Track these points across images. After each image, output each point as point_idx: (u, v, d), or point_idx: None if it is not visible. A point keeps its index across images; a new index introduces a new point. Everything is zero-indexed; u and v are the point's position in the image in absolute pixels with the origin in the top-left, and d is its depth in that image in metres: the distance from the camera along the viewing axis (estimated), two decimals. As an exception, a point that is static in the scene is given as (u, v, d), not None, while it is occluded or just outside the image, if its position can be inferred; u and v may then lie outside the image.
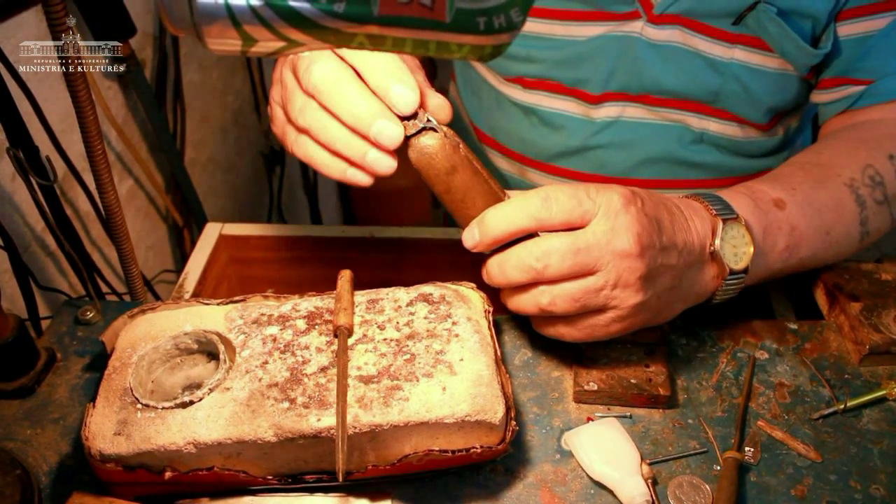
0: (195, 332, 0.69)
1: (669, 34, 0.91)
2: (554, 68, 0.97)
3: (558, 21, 0.94)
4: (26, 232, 1.02)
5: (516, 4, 0.38)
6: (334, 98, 0.63)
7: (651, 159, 1.01)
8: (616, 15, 0.91)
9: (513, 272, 0.65)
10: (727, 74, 0.92)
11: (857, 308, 0.78)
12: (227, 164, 1.77)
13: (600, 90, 0.97)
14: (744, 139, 1.00)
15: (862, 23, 0.87)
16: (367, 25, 0.38)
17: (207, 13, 0.38)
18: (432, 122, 0.65)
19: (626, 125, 0.99)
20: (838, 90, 0.92)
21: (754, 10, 0.86)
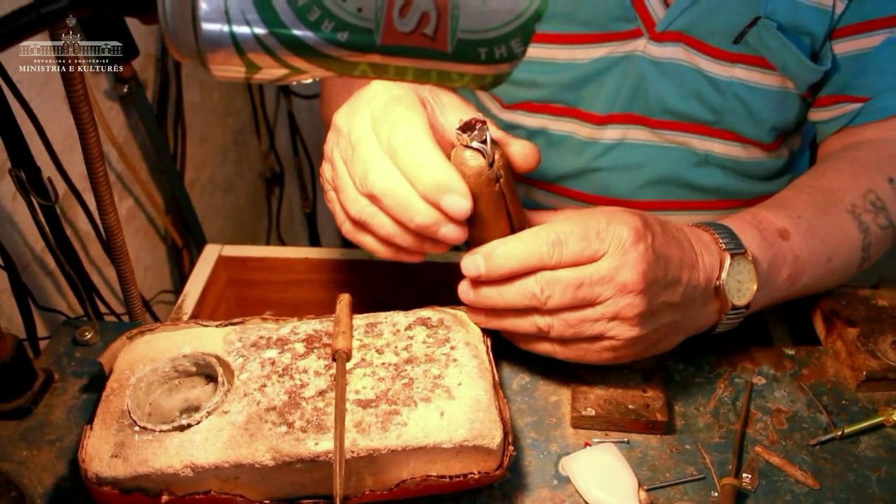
0: (194, 354, 0.69)
1: (672, 51, 0.92)
2: (558, 92, 0.98)
3: (561, 45, 0.94)
4: (26, 251, 1.02)
5: (517, 35, 0.38)
6: (396, 208, 0.63)
7: (655, 181, 1.02)
8: (618, 35, 0.92)
9: (513, 297, 0.65)
10: (728, 93, 0.93)
11: (854, 334, 0.78)
12: (226, 185, 1.78)
13: (605, 111, 0.97)
14: (748, 160, 1.00)
15: (856, 40, 0.88)
16: (369, 54, 0.38)
17: (212, 41, 0.38)
18: (486, 146, 0.62)
19: (630, 147, 1.00)
20: (835, 108, 0.93)
21: (755, 27, 0.87)
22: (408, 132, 0.62)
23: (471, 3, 0.37)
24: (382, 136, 0.64)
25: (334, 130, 0.70)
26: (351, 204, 0.66)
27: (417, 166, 0.61)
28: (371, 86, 0.69)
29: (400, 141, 0.62)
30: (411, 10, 0.37)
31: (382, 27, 0.37)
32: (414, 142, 0.62)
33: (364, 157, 0.64)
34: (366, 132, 0.65)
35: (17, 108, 0.88)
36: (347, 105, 0.70)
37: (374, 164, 0.63)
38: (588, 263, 0.63)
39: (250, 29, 0.38)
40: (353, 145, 0.65)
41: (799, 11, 0.86)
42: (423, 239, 0.66)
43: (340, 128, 0.69)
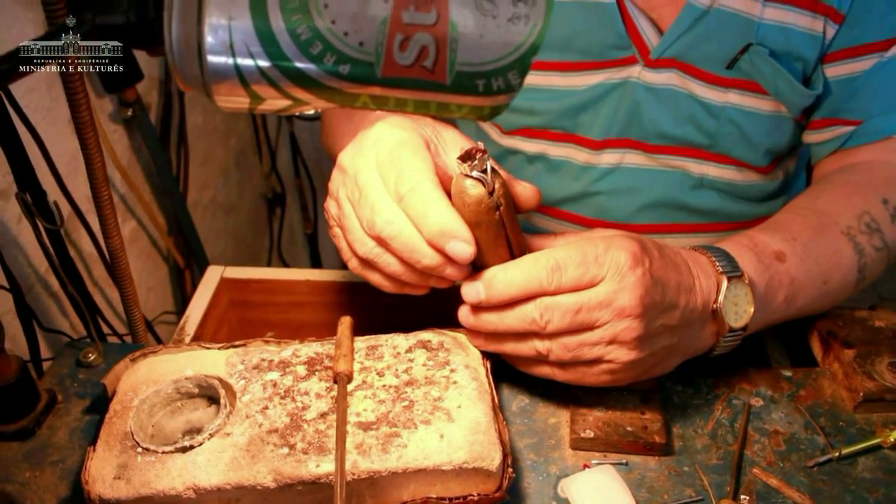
0: (196, 376, 0.70)
1: (667, 77, 0.93)
2: (556, 118, 0.99)
3: (557, 72, 0.96)
4: (30, 273, 1.03)
5: (514, 67, 0.39)
6: (403, 251, 0.65)
7: (652, 205, 1.03)
8: (614, 62, 0.93)
9: (513, 322, 0.66)
10: (722, 118, 0.94)
11: (851, 355, 0.78)
12: (228, 206, 1.79)
13: (601, 137, 0.99)
14: (743, 183, 1.01)
15: (847, 65, 0.90)
16: (370, 87, 0.39)
17: (217, 73, 0.40)
18: (486, 175, 0.63)
19: (626, 171, 1.01)
20: (829, 130, 0.94)
21: (747, 53, 0.89)
22: (413, 179, 0.64)
23: (469, 37, 0.39)
24: (389, 182, 0.66)
25: (339, 170, 0.71)
26: (358, 245, 0.68)
27: (423, 214, 0.63)
28: (376, 126, 0.70)
29: (406, 189, 0.64)
30: (411, 43, 0.38)
31: (383, 60, 0.39)
32: (419, 189, 0.64)
33: (371, 201, 0.65)
34: (372, 175, 0.67)
35: (23, 131, 0.89)
36: (353, 145, 0.71)
37: (382, 208, 0.65)
38: (587, 288, 0.64)
39: (254, 61, 0.39)
40: (360, 188, 0.67)
41: (790, 37, 0.88)
42: (428, 276, 0.68)
43: (346, 168, 0.70)
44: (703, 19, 0.89)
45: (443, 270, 0.65)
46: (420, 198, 0.64)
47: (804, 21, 0.88)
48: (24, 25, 0.97)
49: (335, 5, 0.38)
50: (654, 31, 0.91)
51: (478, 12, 0.38)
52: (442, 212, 0.63)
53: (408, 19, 0.38)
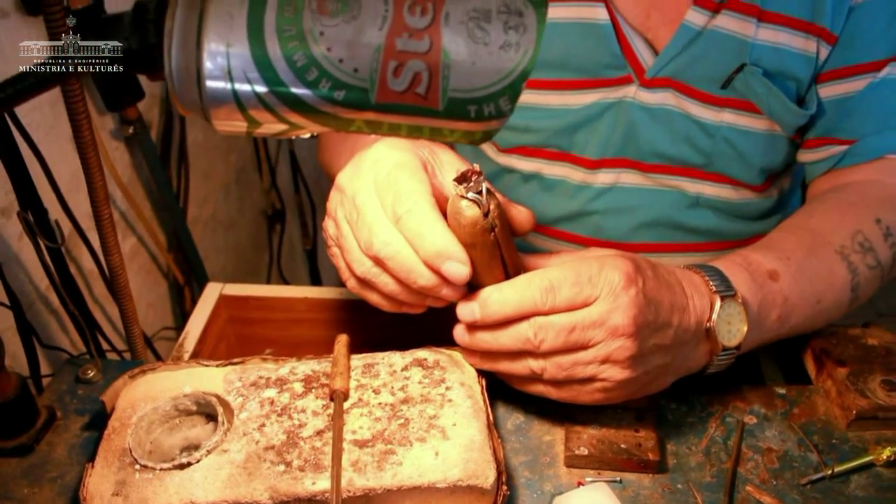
0: (194, 393, 0.71)
1: (662, 97, 0.94)
2: (552, 137, 1.00)
3: (553, 91, 0.97)
4: (31, 290, 1.03)
5: (505, 94, 0.40)
6: (400, 272, 0.66)
7: (648, 224, 1.04)
8: (609, 81, 0.94)
9: (507, 341, 0.67)
10: (717, 137, 0.95)
11: (844, 373, 0.79)
12: (228, 222, 1.80)
13: (597, 156, 1.00)
14: (739, 201, 1.02)
15: (840, 85, 0.91)
16: (365, 112, 0.40)
17: (215, 98, 0.41)
18: (481, 197, 0.64)
19: (622, 191, 1.02)
20: (822, 150, 0.95)
21: (741, 73, 0.89)
22: (410, 200, 0.65)
23: (461, 64, 0.40)
24: (387, 203, 0.67)
25: (338, 190, 0.72)
26: (356, 265, 0.69)
27: (419, 235, 0.64)
28: (374, 147, 0.71)
29: (403, 210, 0.65)
30: (404, 70, 0.39)
31: (377, 86, 0.40)
32: (415, 210, 0.65)
33: (369, 222, 0.67)
34: (369, 196, 0.68)
35: (25, 148, 0.90)
36: (351, 166, 0.72)
37: (379, 229, 0.66)
38: (581, 308, 0.64)
39: (251, 87, 0.40)
40: (358, 209, 0.68)
41: (784, 58, 0.89)
42: (425, 296, 0.69)
43: (344, 189, 0.71)
44: (698, 40, 0.90)
45: (439, 291, 0.66)
46: (416, 219, 0.65)
47: (798, 42, 0.89)
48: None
49: (331, 33, 0.39)
50: (649, 51, 0.92)
51: (470, 40, 0.39)
52: (438, 233, 0.64)
53: (401, 46, 0.39)
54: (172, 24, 0.40)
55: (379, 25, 0.39)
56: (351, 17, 0.39)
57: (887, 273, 0.85)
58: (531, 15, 0.40)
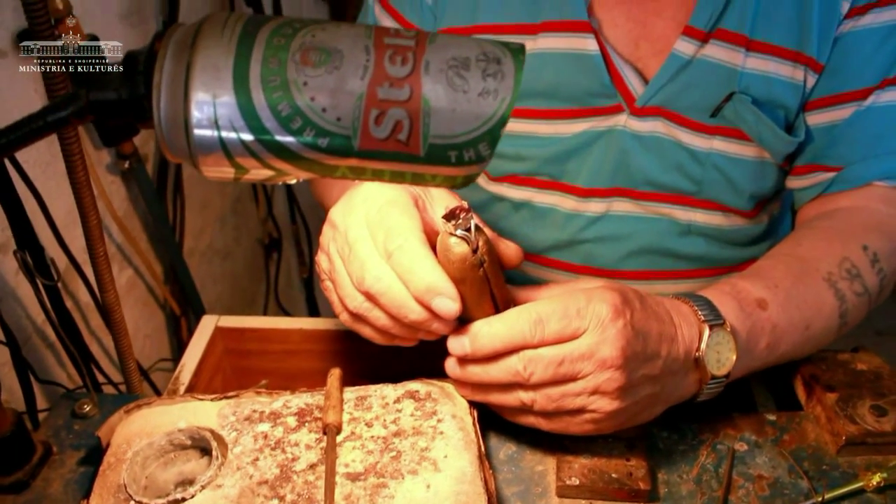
0: (189, 428, 0.71)
1: (652, 125, 0.95)
2: (543, 165, 1.01)
3: (544, 120, 0.98)
4: (27, 325, 1.04)
5: (484, 139, 0.41)
6: (391, 307, 0.67)
7: (639, 251, 1.05)
8: (599, 110, 0.96)
9: (497, 373, 0.67)
10: (707, 164, 0.96)
11: (833, 399, 0.80)
12: (225, 252, 1.81)
13: (588, 184, 1.01)
14: (730, 228, 1.03)
15: (827, 112, 0.92)
16: (348, 159, 0.42)
17: (203, 146, 0.42)
18: (470, 234, 0.65)
19: (614, 219, 1.03)
20: (810, 176, 0.96)
21: (731, 101, 0.91)
22: (401, 237, 0.67)
23: (441, 111, 0.41)
24: (378, 240, 0.68)
25: (330, 226, 0.74)
26: (349, 300, 0.70)
27: (410, 270, 0.66)
28: (365, 184, 0.73)
29: (394, 246, 0.67)
30: (386, 118, 0.41)
31: (360, 134, 0.41)
32: (406, 246, 0.66)
33: (361, 258, 0.68)
34: (361, 232, 0.70)
35: (21, 185, 0.92)
36: (343, 202, 0.74)
37: (370, 265, 0.67)
38: (569, 340, 0.65)
39: (238, 135, 0.41)
40: (350, 244, 0.69)
41: (772, 86, 0.90)
42: (416, 330, 0.70)
43: (337, 225, 0.73)
44: (687, 69, 0.91)
45: (429, 325, 0.68)
46: (407, 255, 0.66)
47: (785, 70, 0.90)
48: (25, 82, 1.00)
49: (314, 83, 0.40)
50: (639, 80, 0.94)
51: (449, 88, 0.41)
52: (428, 269, 0.65)
53: (383, 95, 0.41)
54: (161, 76, 0.41)
55: (360, 75, 0.40)
56: (333, 67, 0.40)
57: (875, 299, 0.86)
58: (509, 62, 0.42)
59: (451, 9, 0.99)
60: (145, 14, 1.33)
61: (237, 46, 0.40)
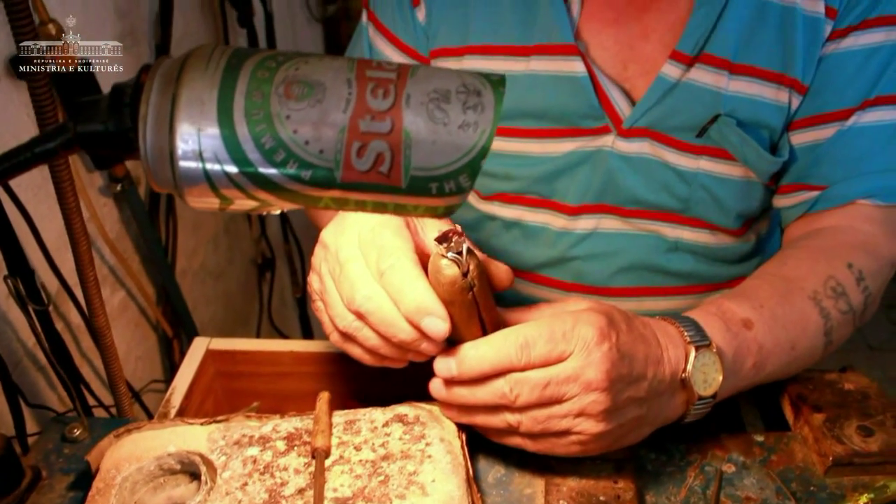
0: (178, 452, 0.71)
1: (639, 146, 0.97)
2: (532, 184, 1.03)
3: (533, 139, 0.99)
4: (18, 348, 1.04)
5: (465, 171, 0.42)
6: (381, 326, 0.68)
7: (628, 268, 1.05)
8: (587, 131, 0.97)
9: (484, 395, 0.68)
10: (694, 184, 0.97)
11: (821, 419, 0.80)
12: (217, 272, 1.81)
13: (577, 202, 1.02)
14: (717, 245, 1.04)
15: (811, 132, 0.93)
16: (331, 190, 0.42)
17: (188, 177, 0.42)
18: (461, 257, 0.66)
19: (602, 236, 1.04)
20: (796, 195, 0.97)
21: (716, 123, 0.92)
22: (393, 257, 0.68)
23: (421, 144, 0.41)
24: (370, 260, 0.69)
25: (322, 246, 0.75)
26: (339, 319, 0.71)
27: (401, 290, 0.66)
28: None
29: (386, 265, 0.67)
30: (367, 150, 0.41)
31: (342, 166, 0.41)
32: (398, 266, 0.67)
33: (351, 278, 0.69)
34: (353, 252, 0.70)
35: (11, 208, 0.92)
36: (335, 223, 0.75)
37: (361, 284, 0.68)
38: (555, 363, 0.66)
39: (222, 168, 0.42)
40: (341, 264, 0.70)
41: (757, 108, 0.92)
42: (405, 350, 0.70)
43: (328, 245, 0.73)
44: (673, 92, 0.92)
45: (418, 345, 0.68)
46: (398, 275, 0.67)
47: (770, 92, 0.91)
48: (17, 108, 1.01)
49: (297, 116, 0.41)
50: (626, 102, 0.95)
51: (430, 120, 0.41)
52: (419, 289, 0.66)
53: (364, 128, 0.41)
54: (147, 109, 0.42)
55: (343, 108, 0.41)
56: (316, 100, 0.41)
57: (859, 318, 0.87)
58: (489, 94, 0.42)
59: (443, 29, 1.00)
60: (138, 37, 1.35)
61: (221, 80, 0.41)
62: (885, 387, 0.86)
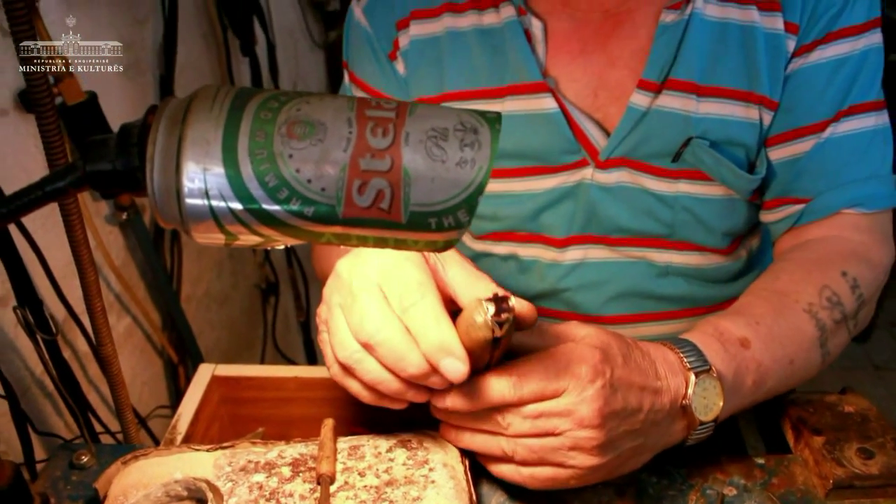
0: (185, 479, 0.72)
1: (618, 176, 0.98)
2: (520, 221, 1.05)
3: (516, 178, 1.01)
4: (26, 375, 1.06)
5: (462, 207, 0.43)
6: (390, 357, 0.67)
7: (620, 295, 1.06)
8: (566, 166, 0.99)
9: (477, 420, 0.69)
10: (676, 207, 0.99)
11: (821, 442, 0.81)
12: (222, 298, 1.83)
13: (563, 235, 1.03)
14: (708, 266, 1.05)
15: (788, 147, 0.95)
16: (333, 226, 0.43)
17: (194, 215, 0.44)
18: (502, 329, 0.64)
19: (591, 266, 1.05)
20: (781, 210, 0.99)
21: (689, 146, 0.94)
22: (419, 294, 0.67)
23: (420, 181, 0.43)
24: (393, 293, 0.68)
25: (335, 277, 0.74)
26: (340, 349, 0.70)
27: (425, 327, 0.65)
28: None
29: (410, 302, 0.67)
30: (368, 188, 0.43)
31: (343, 203, 0.43)
32: (422, 304, 0.66)
33: (361, 307, 0.67)
34: (367, 283, 0.69)
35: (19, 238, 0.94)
36: (352, 255, 0.74)
37: (373, 315, 0.67)
38: (550, 399, 0.66)
39: (227, 205, 0.43)
40: (354, 295, 0.69)
41: (728, 127, 0.94)
42: (406, 389, 0.69)
43: (342, 275, 0.72)
44: (644, 119, 0.94)
45: (425, 379, 0.67)
46: (423, 312, 0.66)
47: (739, 111, 0.93)
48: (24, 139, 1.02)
49: (299, 155, 0.42)
50: (601, 134, 0.97)
51: (428, 158, 0.43)
52: (444, 330, 0.65)
53: (365, 166, 0.43)
54: (154, 149, 0.43)
55: (343, 147, 0.42)
56: (318, 139, 0.42)
57: (854, 326, 0.88)
58: (486, 132, 0.44)
59: (419, 80, 1.03)
60: (142, 67, 1.37)
61: (226, 120, 0.43)
62: (891, 405, 0.86)
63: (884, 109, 0.95)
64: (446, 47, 1.00)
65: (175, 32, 1.44)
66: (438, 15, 1.00)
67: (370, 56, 1.05)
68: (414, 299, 0.67)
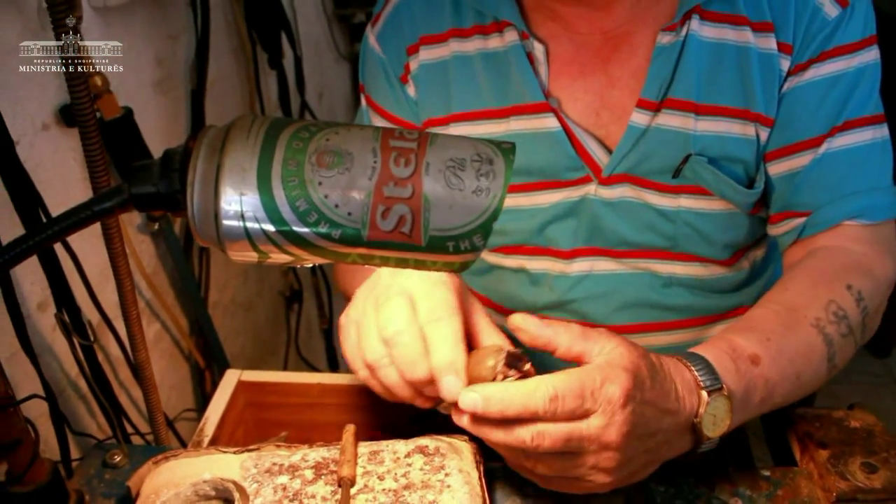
0: (213, 479, 0.76)
1: (621, 192, 1.01)
2: (527, 236, 1.08)
3: (521, 194, 1.05)
4: (62, 378, 1.10)
5: (478, 231, 0.47)
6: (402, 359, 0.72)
7: (626, 306, 1.09)
8: (570, 182, 1.02)
9: (505, 437, 0.69)
10: (678, 221, 1.01)
11: (825, 455, 0.82)
12: (247, 305, 1.87)
13: (569, 247, 1.07)
14: (710, 277, 1.07)
15: (787, 161, 0.97)
16: (358, 248, 0.47)
17: (230, 235, 0.48)
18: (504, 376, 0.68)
19: (598, 278, 1.08)
20: (785, 223, 1.01)
21: (688, 163, 0.97)
22: (445, 313, 0.72)
23: (439, 207, 0.47)
24: (422, 308, 0.73)
25: (376, 278, 0.80)
26: (368, 351, 0.75)
27: (438, 344, 0.70)
28: None
29: (434, 317, 0.72)
30: (391, 213, 0.46)
31: (368, 226, 0.46)
32: (443, 325, 0.71)
33: (392, 308, 0.73)
34: (403, 291, 0.75)
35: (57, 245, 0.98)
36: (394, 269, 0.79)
37: (399, 317, 0.73)
38: (580, 419, 0.67)
39: (260, 227, 0.47)
40: (389, 297, 0.75)
41: (726, 144, 0.96)
42: (414, 396, 0.74)
43: (382, 279, 0.79)
44: (644, 137, 0.97)
45: (426, 387, 0.72)
46: (443, 329, 0.71)
47: (737, 128, 0.96)
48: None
49: (328, 182, 0.46)
50: (603, 151, 1.00)
51: (447, 187, 0.46)
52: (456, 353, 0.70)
53: (388, 193, 0.46)
54: (195, 175, 0.47)
55: (369, 175, 0.46)
56: (345, 168, 0.46)
57: (859, 339, 0.89)
58: (500, 162, 0.47)
59: (428, 101, 1.08)
60: (175, 82, 1.41)
61: (261, 150, 0.47)
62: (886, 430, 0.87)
63: (883, 123, 0.97)
64: (453, 70, 1.04)
65: (207, 48, 1.48)
66: (446, 40, 1.05)
67: (384, 82, 1.10)
68: (440, 316, 0.72)
